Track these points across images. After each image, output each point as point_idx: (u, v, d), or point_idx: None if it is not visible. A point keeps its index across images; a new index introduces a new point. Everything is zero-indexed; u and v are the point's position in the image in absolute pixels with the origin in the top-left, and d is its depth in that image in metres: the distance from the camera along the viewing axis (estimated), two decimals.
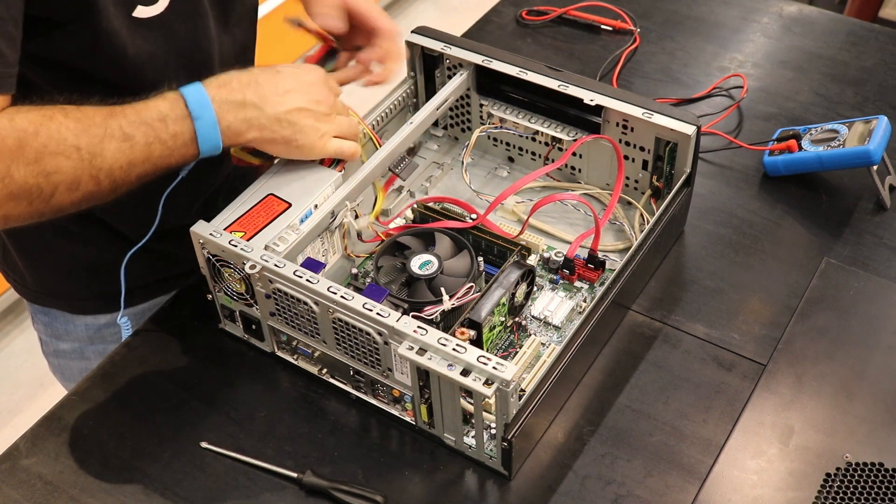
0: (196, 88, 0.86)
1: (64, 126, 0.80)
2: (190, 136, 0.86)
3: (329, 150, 0.95)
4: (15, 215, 0.80)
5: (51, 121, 0.80)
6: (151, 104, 0.85)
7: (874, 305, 1.03)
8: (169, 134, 0.85)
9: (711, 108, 1.29)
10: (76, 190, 0.81)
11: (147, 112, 0.84)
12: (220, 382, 0.98)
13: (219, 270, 0.93)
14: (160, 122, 0.84)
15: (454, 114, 1.19)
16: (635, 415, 0.94)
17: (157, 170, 0.86)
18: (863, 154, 1.10)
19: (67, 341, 1.17)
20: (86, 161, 0.81)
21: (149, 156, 0.84)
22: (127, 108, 0.84)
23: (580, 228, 1.09)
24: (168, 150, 0.85)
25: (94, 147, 0.81)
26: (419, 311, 0.90)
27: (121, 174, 0.83)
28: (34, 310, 1.18)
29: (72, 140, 0.80)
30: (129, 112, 0.84)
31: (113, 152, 0.82)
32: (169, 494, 0.89)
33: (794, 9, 1.47)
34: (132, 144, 0.83)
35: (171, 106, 0.85)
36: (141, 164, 0.84)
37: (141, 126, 0.83)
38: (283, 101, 0.90)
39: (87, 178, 0.81)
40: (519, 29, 1.45)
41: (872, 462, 0.88)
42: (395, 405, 0.93)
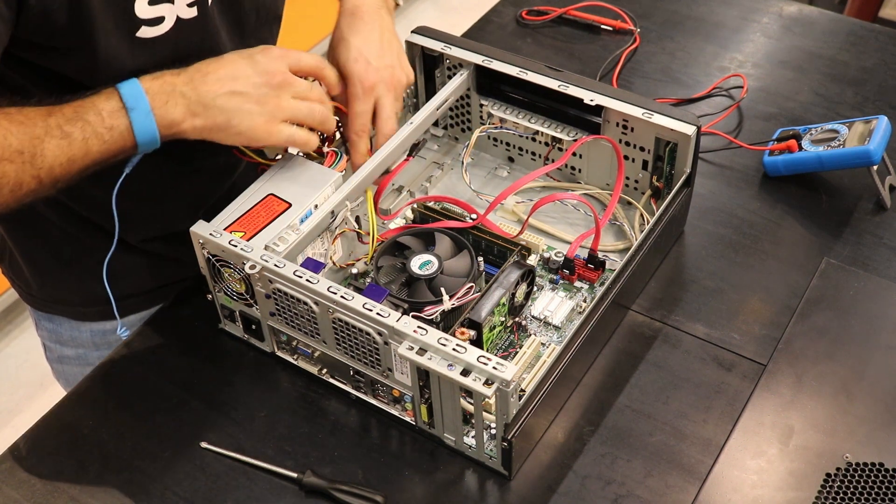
0: (131, 82, 0.86)
1: (8, 130, 0.81)
2: (126, 128, 0.85)
3: (279, 137, 0.91)
4: None
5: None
6: (88, 100, 0.85)
7: (874, 305, 1.03)
8: (105, 127, 0.84)
9: (711, 108, 1.29)
10: (19, 190, 0.83)
11: (83, 108, 0.84)
12: (220, 382, 0.98)
13: (219, 270, 0.93)
14: (96, 117, 0.84)
15: (454, 114, 1.19)
16: (635, 415, 0.94)
17: (99, 164, 0.86)
18: (863, 154, 1.10)
19: (72, 347, 1.17)
20: (27, 163, 0.82)
21: (87, 151, 0.84)
22: (66, 106, 0.84)
23: (580, 228, 1.09)
24: (105, 145, 0.85)
25: (35, 148, 0.82)
26: (419, 311, 0.90)
27: (61, 171, 0.84)
28: (38, 316, 1.17)
29: (15, 144, 0.81)
30: (66, 110, 0.84)
31: (52, 150, 0.83)
32: (169, 494, 0.89)
33: (794, 9, 1.47)
34: (70, 141, 0.83)
35: (106, 99, 0.85)
36: (80, 160, 0.84)
37: (78, 122, 0.84)
38: (215, 85, 0.88)
39: (29, 179, 0.83)
40: (519, 29, 1.45)
41: (872, 462, 0.88)
42: (395, 405, 0.93)
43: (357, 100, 0.99)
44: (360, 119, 0.99)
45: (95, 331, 1.13)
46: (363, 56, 0.99)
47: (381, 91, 1.00)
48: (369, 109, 1.00)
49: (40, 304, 1.15)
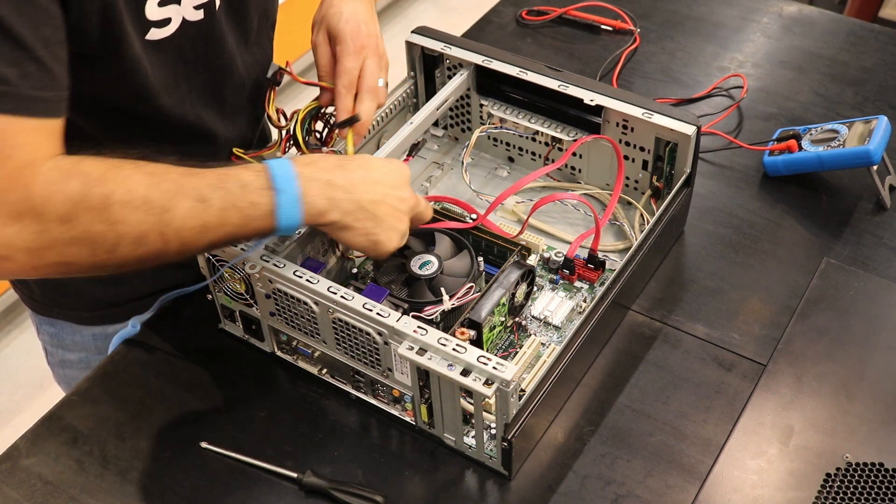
0: (282, 162, 0.82)
1: (134, 177, 0.76)
2: (269, 209, 0.80)
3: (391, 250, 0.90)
4: (77, 263, 0.75)
5: (119, 170, 0.76)
6: (233, 171, 0.80)
7: (874, 305, 1.03)
8: (248, 202, 0.79)
9: (711, 108, 1.29)
10: (141, 245, 0.76)
11: (228, 178, 0.79)
12: (220, 382, 0.98)
13: (219, 270, 0.93)
14: (240, 189, 0.79)
15: (454, 114, 1.19)
16: (635, 415, 0.94)
17: (231, 239, 0.81)
18: (863, 154, 1.10)
19: (74, 351, 1.16)
20: (154, 215, 0.76)
21: (223, 222, 0.78)
22: (207, 170, 0.80)
23: (580, 228, 1.09)
24: (244, 220, 0.79)
25: (166, 202, 0.76)
26: (419, 311, 0.90)
27: (191, 235, 0.78)
28: (40, 320, 1.17)
29: (142, 192, 0.75)
30: (208, 174, 0.79)
31: (185, 211, 0.77)
32: (169, 494, 0.89)
33: (794, 9, 1.47)
34: (206, 206, 0.77)
35: (254, 175, 0.80)
36: (213, 230, 0.78)
37: (219, 190, 0.78)
38: (371, 189, 0.85)
39: (155, 235, 0.76)
40: (519, 29, 1.45)
41: (872, 462, 0.88)
42: (395, 405, 0.93)
43: (349, 56, 0.99)
44: (349, 75, 0.99)
45: (97, 334, 1.13)
46: (354, 20, 1.00)
47: (369, 54, 1.00)
48: (357, 67, 0.99)
49: (42, 308, 1.14)
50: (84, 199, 0.74)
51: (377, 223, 0.86)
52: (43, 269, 0.75)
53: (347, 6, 1.01)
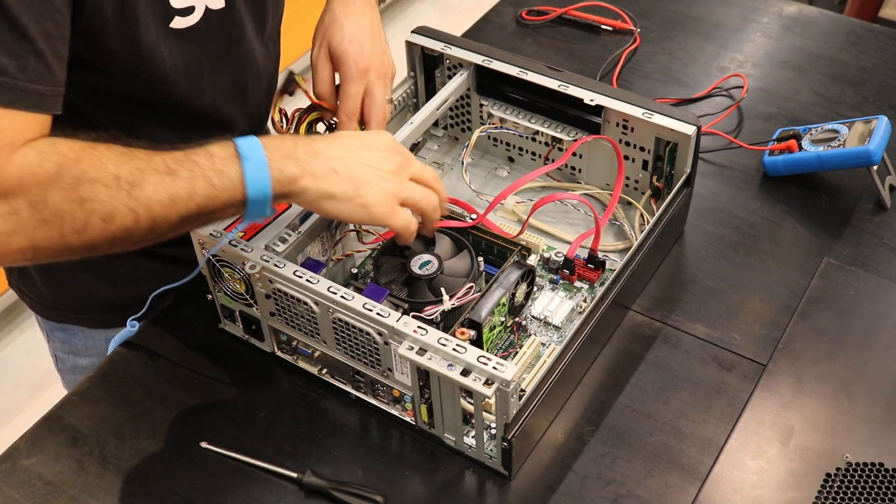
0: (248, 137, 0.82)
1: (106, 156, 0.75)
2: (237, 176, 0.79)
3: (395, 220, 0.86)
4: (45, 247, 0.75)
5: (93, 150, 0.75)
6: (201, 146, 0.80)
7: (874, 305, 1.03)
8: (214, 171, 0.79)
9: (711, 108, 1.29)
10: (111, 222, 0.75)
11: (195, 151, 0.79)
12: (220, 382, 0.98)
13: (219, 270, 0.93)
14: (207, 160, 0.79)
15: (454, 114, 1.19)
16: (635, 415, 0.94)
17: (202, 212, 0.79)
18: (863, 154, 1.10)
19: (86, 357, 1.16)
20: (124, 191, 0.75)
21: (192, 192, 0.78)
22: (175, 148, 0.80)
23: (580, 228, 1.09)
24: (212, 189, 0.78)
25: (135, 177, 0.76)
26: (419, 311, 0.90)
27: (160, 209, 0.77)
28: (51, 327, 1.16)
29: (112, 168, 0.75)
30: (176, 152, 0.79)
31: (154, 184, 0.76)
32: (169, 494, 0.89)
33: (794, 9, 1.47)
34: (174, 178, 0.77)
35: (220, 147, 0.80)
36: (183, 201, 0.78)
37: (186, 163, 0.78)
38: (342, 153, 0.84)
39: (125, 210, 0.75)
40: (519, 29, 1.45)
41: (872, 462, 0.88)
42: (395, 405, 0.93)
43: (352, 81, 0.98)
44: (353, 101, 0.99)
45: (110, 338, 1.12)
46: (357, 39, 0.99)
47: (373, 77, 0.99)
48: (361, 92, 0.99)
49: (53, 315, 1.14)
50: (57, 179, 0.73)
51: (358, 184, 0.83)
52: (10, 256, 0.74)
53: (350, 21, 1.00)
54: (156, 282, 1.02)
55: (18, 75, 0.73)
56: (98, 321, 1.12)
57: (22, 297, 1.16)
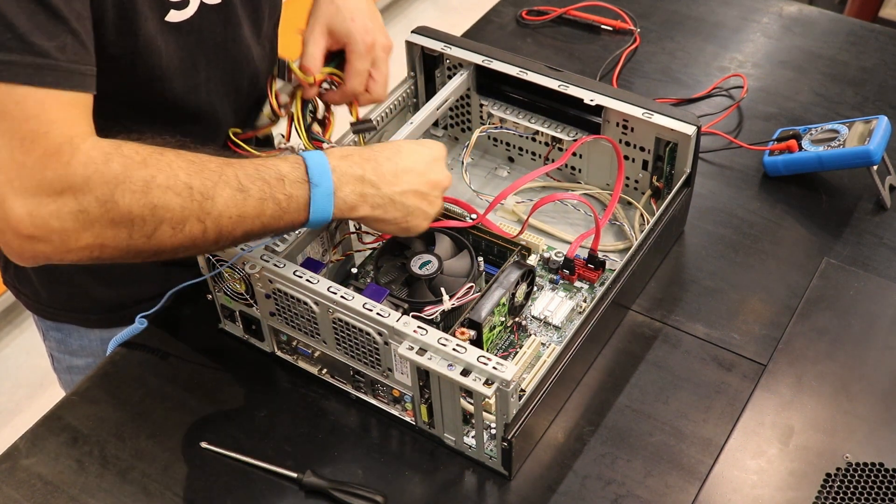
0: (318, 155, 0.84)
1: (176, 163, 0.76)
2: (304, 202, 0.81)
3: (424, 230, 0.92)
4: (112, 246, 0.75)
5: (161, 155, 0.76)
6: (271, 162, 0.82)
7: (874, 305, 1.03)
8: (284, 195, 0.80)
9: (711, 108, 1.29)
10: (180, 231, 0.76)
11: (265, 168, 0.81)
12: (220, 382, 0.98)
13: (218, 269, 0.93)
14: (278, 181, 0.80)
15: (454, 114, 1.19)
16: (635, 415, 0.94)
17: (265, 230, 0.82)
18: (863, 154, 1.10)
19: (82, 357, 1.15)
20: (196, 202, 0.76)
21: (260, 212, 0.80)
22: (245, 161, 0.81)
23: (580, 228, 1.09)
24: (280, 211, 0.81)
25: (207, 190, 0.77)
26: (419, 311, 0.90)
27: (228, 224, 0.79)
28: (46, 326, 1.16)
29: (183, 178, 0.76)
30: (246, 165, 0.81)
31: (225, 199, 0.78)
32: (169, 494, 0.89)
33: (794, 9, 1.47)
34: (246, 196, 0.79)
35: (291, 168, 0.82)
36: (251, 220, 0.80)
37: (257, 181, 0.80)
38: (400, 181, 0.87)
39: (194, 221, 0.77)
40: (519, 29, 1.45)
41: (872, 462, 0.88)
42: (395, 405, 0.93)
43: (360, 57, 0.99)
44: (361, 77, 1.00)
45: (105, 338, 1.12)
46: (359, 17, 1.00)
47: (379, 52, 1.01)
48: (367, 69, 1.00)
49: (49, 313, 1.14)
50: (125, 181, 0.74)
51: (407, 213, 0.88)
52: (76, 253, 0.75)
53: (347, 2, 1.01)
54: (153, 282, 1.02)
55: (59, 56, 0.73)
56: (94, 321, 1.11)
57: (18, 296, 1.16)
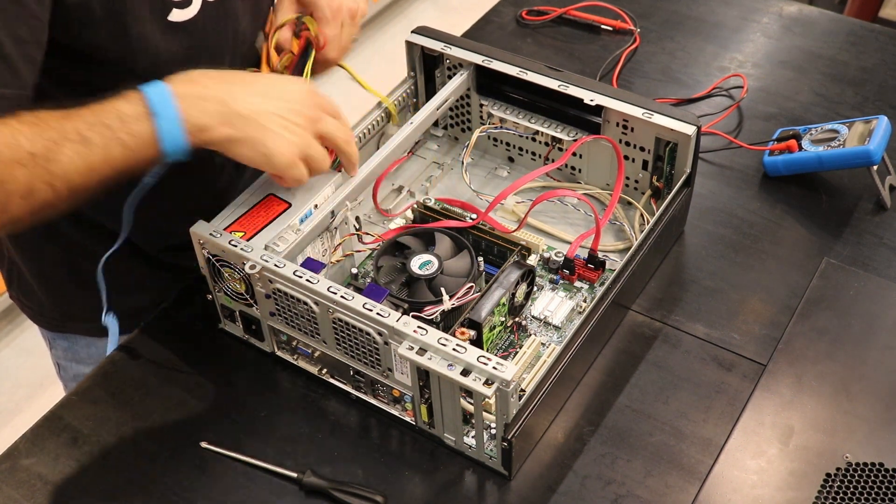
0: (158, 85, 0.82)
1: (19, 131, 0.75)
2: (150, 136, 0.80)
3: (293, 173, 0.87)
4: None
5: (5, 126, 0.75)
6: (109, 104, 0.80)
7: (874, 305, 1.03)
8: (128, 134, 0.79)
9: (711, 108, 1.29)
10: (31, 198, 0.76)
11: (105, 113, 0.79)
12: (220, 382, 0.98)
13: (219, 270, 0.93)
14: (119, 122, 0.79)
15: (454, 114, 1.19)
16: (635, 415, 0.94)
17: (120, 173, 0.80)
18: (863, 154, 1.10)
19: (89, 364, 1.15)
20: (40, 167, 0.75)
21: (107, 158, 0.78)
22: (84, 109, 0.79)
23: (580, 228, 1.09)
24: (128, 152, 0.79)
25: (49, 152, 0.76)
26: (419, 311, 0.90)
27: (79, 179, 0.78)
28: (53, 336, 1.16)
29: (26, 146, 0.75)
30: (85, 113, 0.79)
31: (69, 156, 0.77)
32: (169, 494, 0.89)
33: (794, 9, 1.47)
34: (90, 147, 0.78)
35: (130, 104, 0.80)
36: (100, 168, 0.79)
37: (97, 126, 0.78)
38: (253, 100, 0.85)
39: (43, 186, 0.76)
40: (519, 29, 1.45)
41: (872, 462, 0.88)
42: (395, 405, 0.93)
43: (327, 24, 0.99)
44: (334, 43, 1.00)
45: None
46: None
47: (346, 17, 1.00)
48: (336, 34, 1.00)
49: (54, 325, 1.13)
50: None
51: (263, 132, 0.84)
52: None
53: None
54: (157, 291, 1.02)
55: None
56: (101, 329, 1.11)
57: (23, 309, 1.16)
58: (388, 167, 1.03)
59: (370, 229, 1.05)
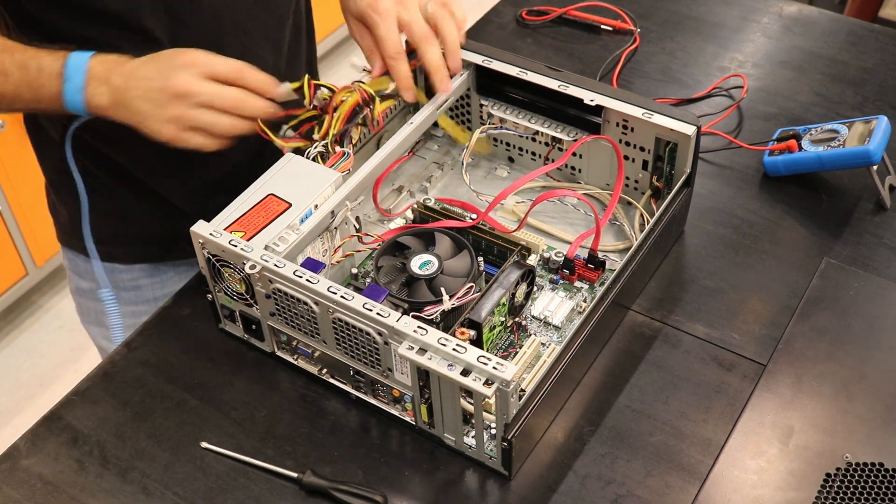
0: (81, 55, 0.92)
1: None
2: (56, 93, 0.92)
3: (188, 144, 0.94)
4: None
5: None
6: (40, 53, 0.92)
7: (874, 305, 1.03)
8: (39, 84, 0.91)
9: (711, 108, 1.29)
10: None
11: (32, 58, 0.92)
12: (220, 382, 0.98)
13: (219, 270, 0.93)
14: (37, 71, 0.91)
15: (454, 114, 1.19)
16: (635, 415, 0.94)
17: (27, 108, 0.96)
18: (863, 154, 1.10)
19: (86, 280, 1.22)
20: None
21: (17, 96, 0.92)
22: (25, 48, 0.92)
23: (580, 228, 1.09)
24: (36, 98, 0.92)
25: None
26: (419, 311, 0.90)
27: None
28: (63, 249, 1.24)
29: None
30: (19, 52, 0.92)
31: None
32: (169, 494, 0.89)
33: (794, 9, 1.47)
34: (6, 80, 0.91)
35: (52, 61, 0.92)
36: (10, 99, 0.93)
37: (21, 69, 0.91)
38: (134, 84, 0.92)
39: None
40: (519, 29, 1.45)
41: (872, 462, 0.89)
42: (395, 405, 0.93)
43: (377, 26, 1.01)
44: (386, 43, 1.01)
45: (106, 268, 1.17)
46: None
47: (398, 9, 1.01)
48: (391, 31, 1.01)
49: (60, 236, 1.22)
50: None
51: (142, 116, 0.92)
52: None
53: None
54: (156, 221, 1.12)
55: None
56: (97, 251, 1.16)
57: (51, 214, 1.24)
58: (388, 167, 1.03)
59: (370, 229, 1.05)
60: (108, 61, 0.93)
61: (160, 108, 0.91)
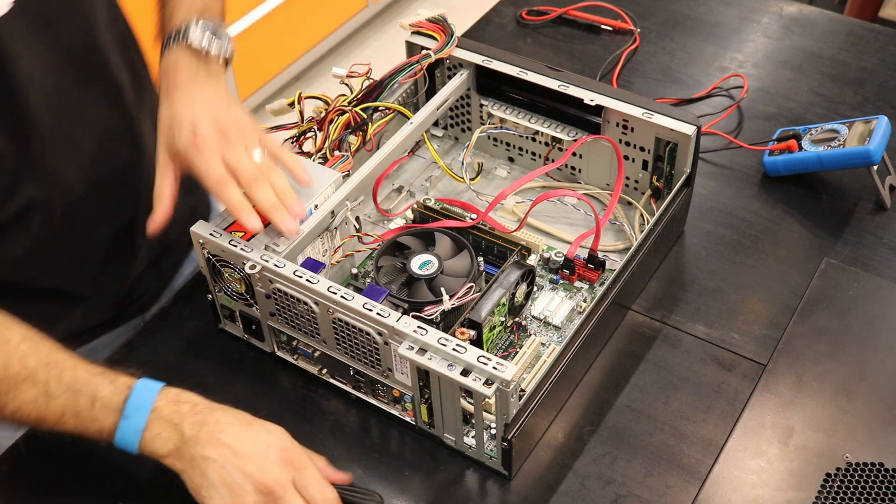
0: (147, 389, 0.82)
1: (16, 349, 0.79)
2: (109, 428, 0.81)
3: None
4: None
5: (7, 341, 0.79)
6: (96, 379, 0.81)
7: (874, 305, 1.03)
8: (89, 417, 0.81)
9: (711, 108, 1.29)
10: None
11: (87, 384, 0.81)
12: (220, 382, 0.98)
13: (219, 270, 0.93)
14: (88, 401, 0.80)
15: (454, 114, 1.19)
16: (635, 415, 0.94)
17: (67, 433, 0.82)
18: (863, 154, 1.10)
19: None
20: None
21: (59, 421, 0.81)
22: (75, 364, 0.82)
23: (580, 228, 1.09)
24: (81, 428, 0.81)
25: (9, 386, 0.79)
26: (419, 311, 0.90)
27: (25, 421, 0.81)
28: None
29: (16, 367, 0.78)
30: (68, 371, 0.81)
31: (27, 400, 0.79)
32: (169, 494, 0.89)
33: (794, 9, 1.47)
34: (49, 402, 0.80)
35: (112, 391, 0.81)
36: (49, 424, 0.81)
37: (68, 393, 0.80)
38: (212, 451, 0.80)
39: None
40: (519, 29, 1.45)
41: (872, 462, 0.88)
42: (395, 405, 0.93)
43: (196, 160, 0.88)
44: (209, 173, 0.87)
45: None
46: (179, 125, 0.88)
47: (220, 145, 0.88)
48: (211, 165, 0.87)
49: None
50: None
51: (206, 483, 0.80)
52: None
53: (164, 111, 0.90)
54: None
55: None
56: None
57: None
58: (388, 167, 1.03)
59: (370, 229, 1.05)
60: (180, 402, 0.82)
61: (234, 495, 0.79)
